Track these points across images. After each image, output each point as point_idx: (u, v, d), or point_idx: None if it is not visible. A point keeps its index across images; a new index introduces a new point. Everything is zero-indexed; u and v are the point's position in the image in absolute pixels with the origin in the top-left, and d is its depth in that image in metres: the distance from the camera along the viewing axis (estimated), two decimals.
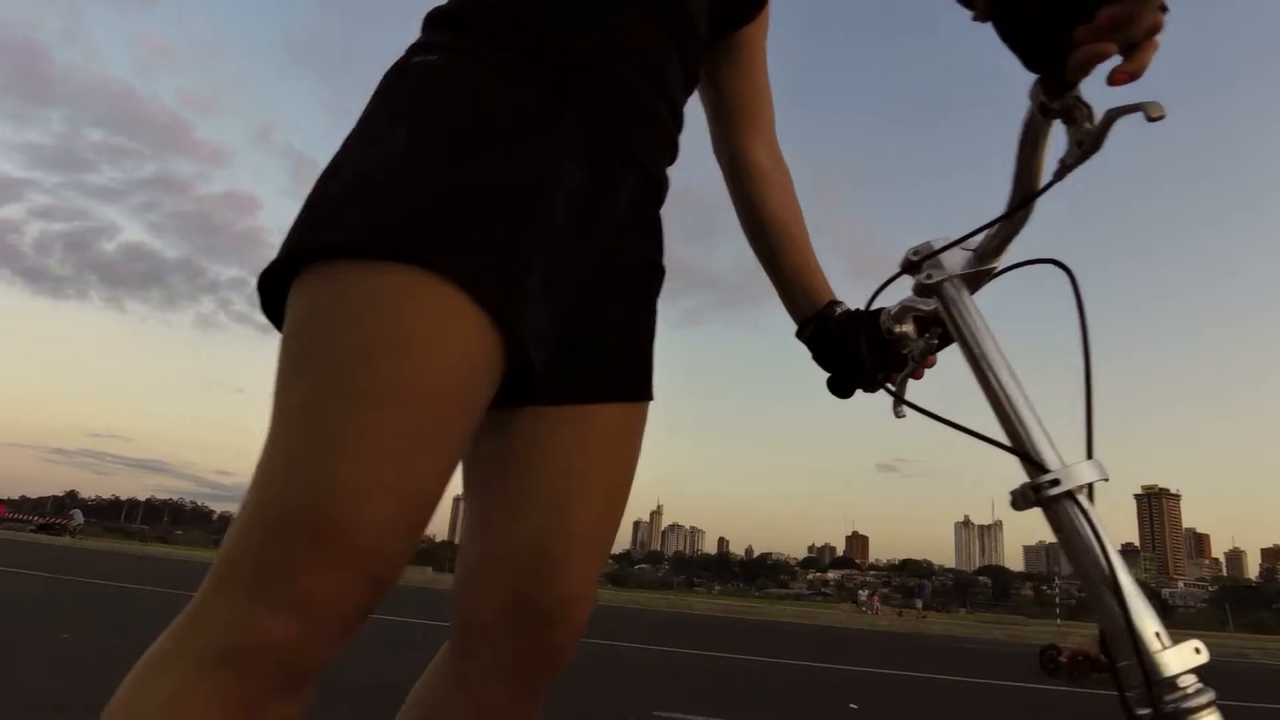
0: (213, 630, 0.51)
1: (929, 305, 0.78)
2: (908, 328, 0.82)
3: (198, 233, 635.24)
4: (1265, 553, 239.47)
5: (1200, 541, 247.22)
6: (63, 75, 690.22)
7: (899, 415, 0.80)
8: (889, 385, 0.82)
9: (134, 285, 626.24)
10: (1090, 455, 0.61)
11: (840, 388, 0.88)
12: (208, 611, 0.52)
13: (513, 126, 0.64)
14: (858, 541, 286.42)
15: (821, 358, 0.89)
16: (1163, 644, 0.53)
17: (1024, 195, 0.66)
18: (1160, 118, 0.54)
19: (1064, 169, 0.61)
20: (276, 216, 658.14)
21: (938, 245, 0.73)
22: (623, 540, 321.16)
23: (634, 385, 0.79)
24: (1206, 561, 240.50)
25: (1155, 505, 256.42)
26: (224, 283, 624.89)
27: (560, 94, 0.67)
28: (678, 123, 0.81)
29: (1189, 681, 0.52)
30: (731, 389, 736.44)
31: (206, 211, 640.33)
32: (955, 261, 0.73)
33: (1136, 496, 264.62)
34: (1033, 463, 0.62)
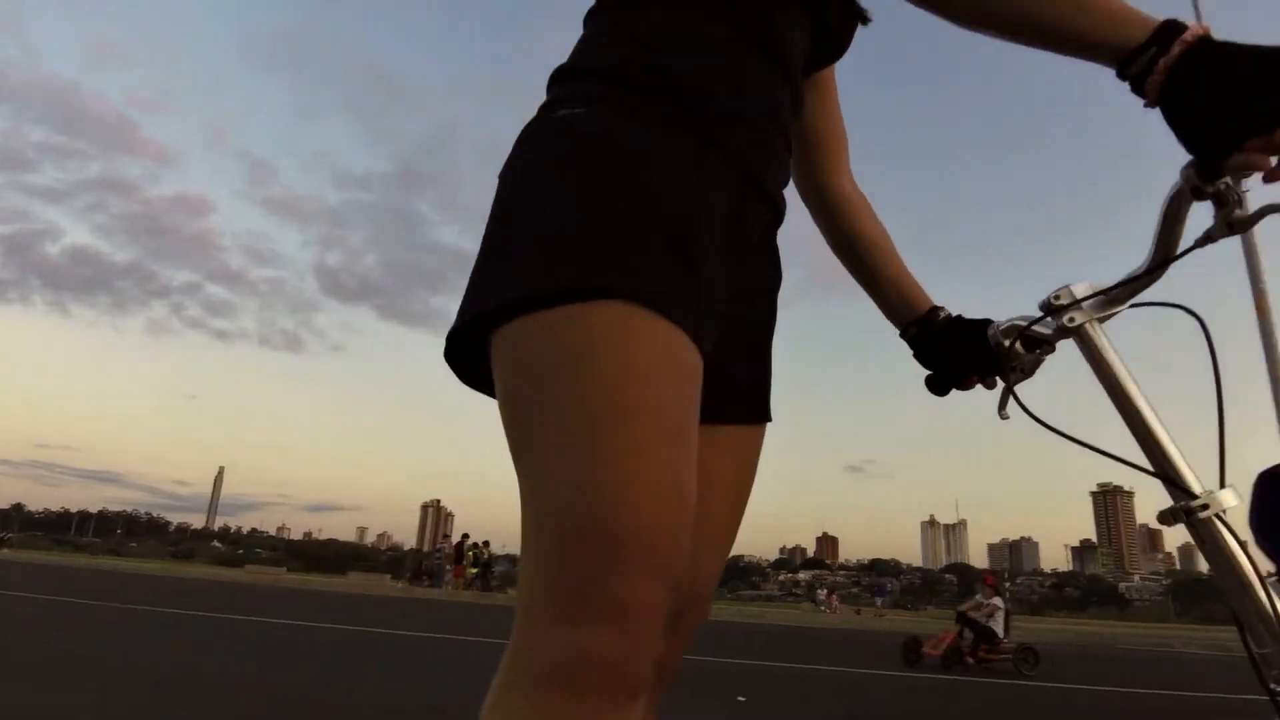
0: (542, 656, 0.56)
1: (1045, 330, 0.86)
2: (1017, 344, 0.89)
3: (147, 235, 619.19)
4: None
5: (1154, 537, 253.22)
6: (1, 71, 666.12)
7: (1003, 416, 0.89)
8: (1013, 391, 0.87)
9: (80, 289, 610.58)
10: (1224, 484, 0.73)
11: (938, 386, 0.98)
12: (533, 639, 0.57)
13: (670, 170, 0.69)
14: (828, 542, 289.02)
15: (923, 357, 0.99)
16: None
17: (1164, 258, 0.76)
18: None
19: (1209, 239, 0.71)
20: (230, 219, 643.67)
21: (1079, 292, 0.82)
22: None
23: (758, 408, 0.85)
24: (1160, 555, 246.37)
25: (1110, 503, 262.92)
26: (176, 287, 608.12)
27: (704, 138, 0.73)
28: (790, 152, 0.87)
29: None
30: None
31: (156, 214, 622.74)
32: (1087, 300, 0.82)
33: (1092, 494, 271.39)
34: (1179, 488, 0.74)
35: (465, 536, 25.23)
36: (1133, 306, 0.80)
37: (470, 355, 0.71)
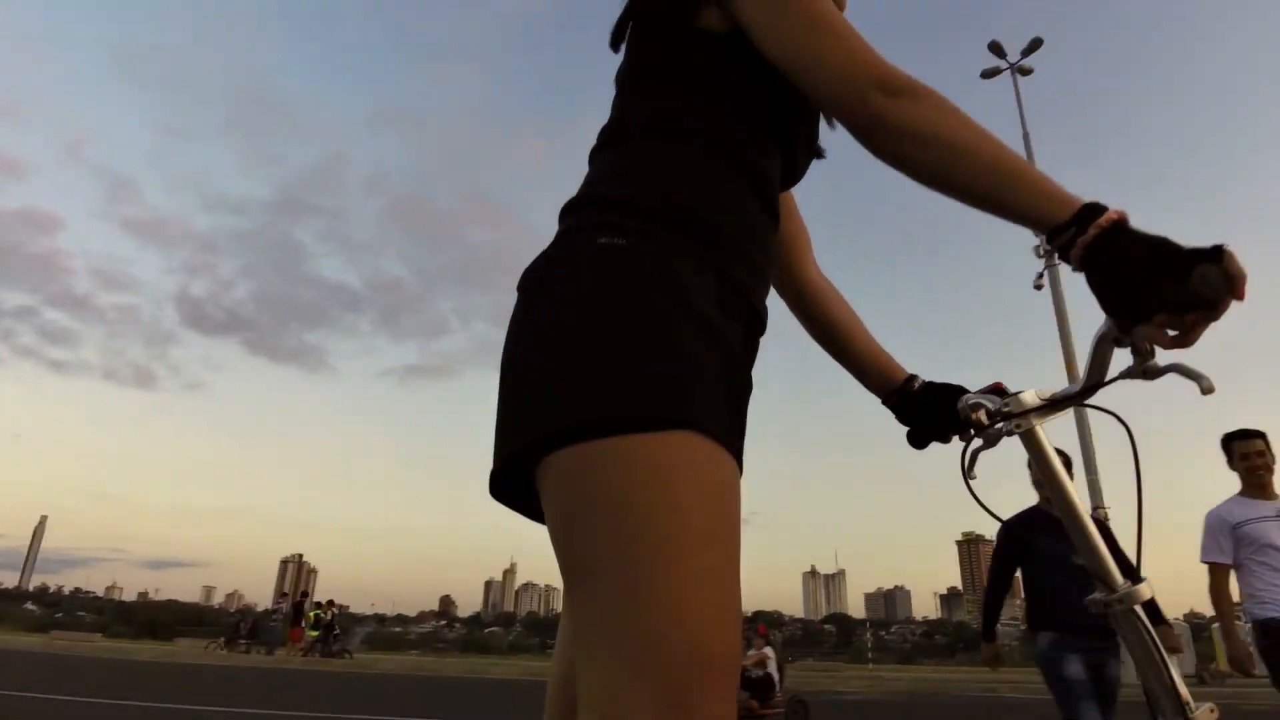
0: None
1: (998, 404, 1.01)
2: (980, 415, 1.02)
3: None
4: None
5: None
6: None
7: (971, 477, 1.04)
8: (964, 459, 1.05)
9: None
10: (1139, 578, 0.92)
11: (918, 440, 1.13)
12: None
13: (709, 306, 0.79)
14: None
15: (904, 418, 1.14)
16: (1193, 710, 0.86)
17: (1095, 383, 0.91)
18: (1209, 393, 0.77)
19: (1126, 376, 0.87)
20: (82, 239, 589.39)
21: (1028, 402, 0.98)
22: (473, 602, 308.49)
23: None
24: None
25: (973, 551, 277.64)
26: (8, 311, 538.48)
27: (721, 274, 0.83)
28: (775, 273, 1.13)
29: None
30: None
31: None
32: (1034, 410, 0.99)
33: (958, 542, 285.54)
34: (1104, 583, 0.92)
35: (304, 595, 23.12)
36: (1078, 406, 0.97)
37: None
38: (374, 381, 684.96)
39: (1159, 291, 0.69)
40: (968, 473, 1.04)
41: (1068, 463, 2.93)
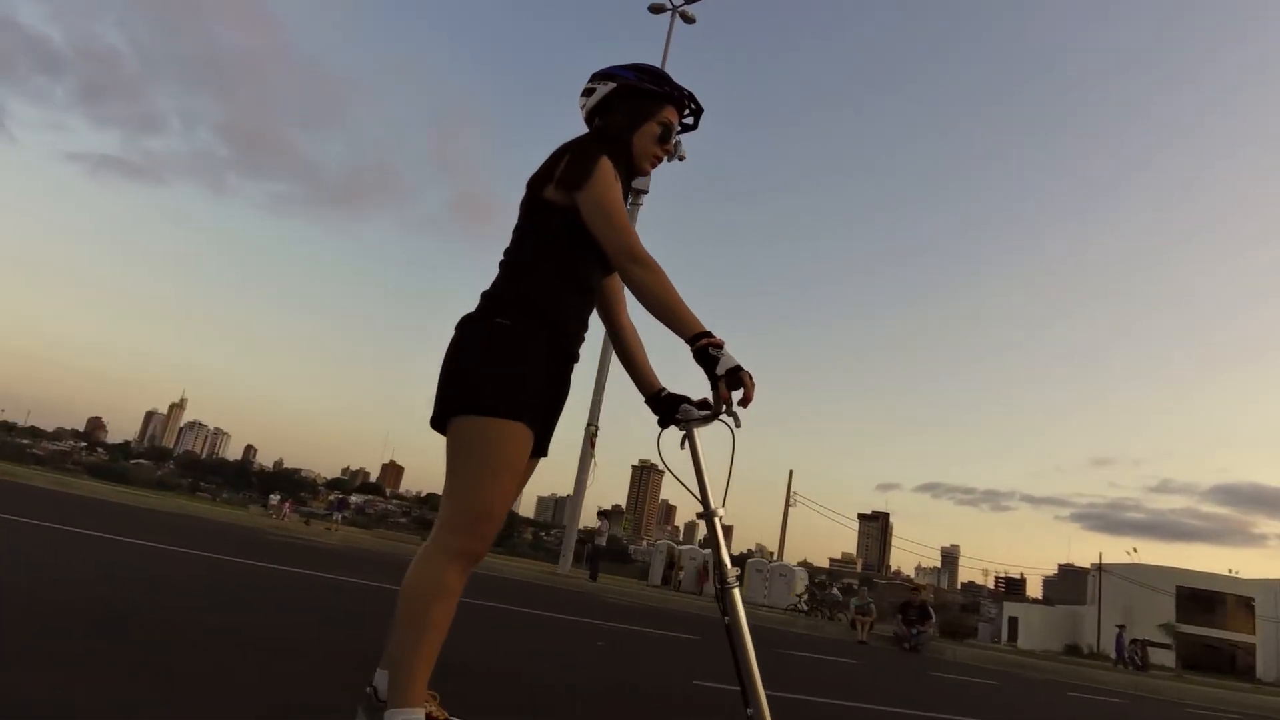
0: (453, 544, 1.62)
1: (686, 413, 1.83)
2: (679, 416, 1.85)
3: None
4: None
5: (670, 512, 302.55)
6: None
7: (682, 447, 1.79)
8: (681, 425, 1.82)
9: None
10: (723, 505, 1.76)
11: (661, 425, 1.87)
12: (450, 535, 1.62)
13: (546, 357, 1.72)
14: (393, 470, 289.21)
15: (654, 411, 1.91)
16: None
17: (716, 412, 1.71)
18: (738, 427, 1.70)
19: (723, 412, 1.67)
20: None
21: (691, 416, 1.81)
22: (128, 431, 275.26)
23: (545, 452, 1.85)
24: (668, 528, 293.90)
25: (644, 478, 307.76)
26: None
27: (553, 340, 1.75)
28: (588, 327, 1.89)
29: None
30: (304, 291, 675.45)
31: None
32: (693, 420, 1.80)
33: (633, 467, 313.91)
34: (708, 516, 1.74)
35: None
36: (714, 420, 1.75)
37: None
38: (58, 163, 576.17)
39: (716, 379, 1.57)
40: (659, 447, 1.82)
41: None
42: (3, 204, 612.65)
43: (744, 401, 1.59)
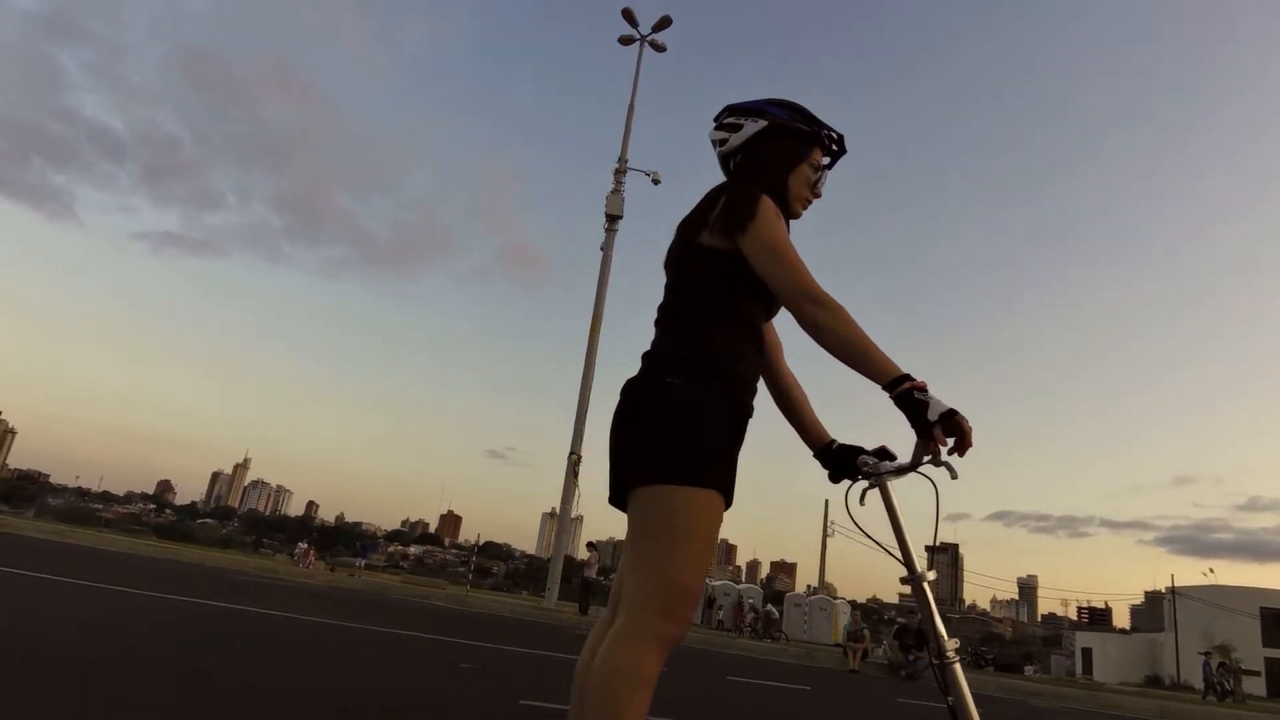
0: (653, 626, 1.41)
1: (871, 464, 1.64)
2: (863, 468, 1.66)
3: None
4: (774, 565, 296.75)
5: (730, 551, 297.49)
6: None
7: (861, 504, 1.63)
8: (846, 497, 1.66)
9: None
10: (931, 568, 1.50)
11: (834, 479, 1.72)
12: (649, 617, 1.41)
13: (726, 415, 1.56)
14: (451, 520, 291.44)
15: (825, 466, 1.75)
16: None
17: (916, 461, 1.47)
18: (954, 478, 1.42)
19: (930, 462, 1.45)
20: None
21: (883, 469, 1.60)
22: (195, 492, 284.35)
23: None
24: (730, 568, 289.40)
25: None
26: None
27: (735, 404, 1.59)
28: (760, 375, 1.74)
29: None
30: (359, 351, 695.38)
31: None
32: (885, 473, 1.60)
33: None
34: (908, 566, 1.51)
35: None
36: (910, 473, 1.53)
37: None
38: (124, 242, 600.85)
39: (929, 426, 1.35)
40: (847, 504, 1.62)
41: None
42: (77, 280, 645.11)
43: (961, 448, 1.38)
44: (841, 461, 1.70)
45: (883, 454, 1.64)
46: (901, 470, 1.55)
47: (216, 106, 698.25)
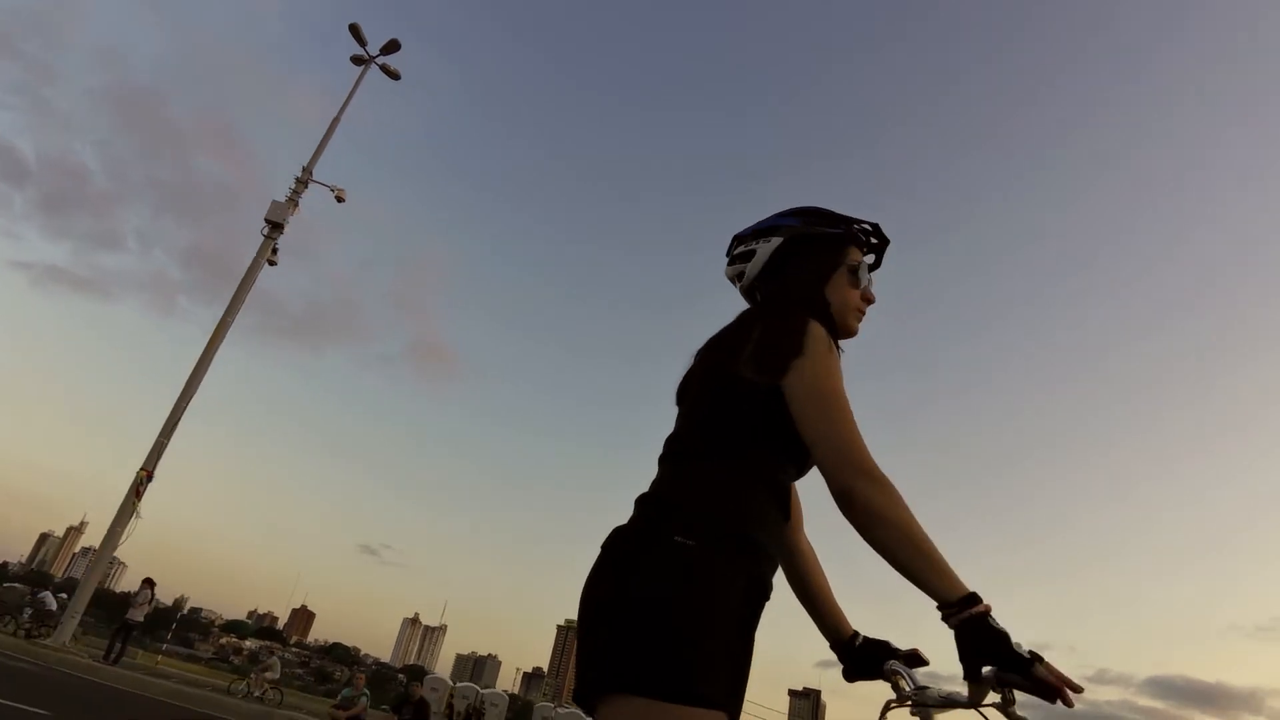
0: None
1: (913, 686, 1.26)
2: (901, 684, 1.29)
3: None
4: None
5: None
6: None
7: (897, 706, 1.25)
8: (883, 711, 1.24)
9: None
10: None
11: (850, 678, 1.39)
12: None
13: (744, 595, 1.18)
14: (303, 616, 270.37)
15: (842, 660, 1.41)
16: None
17: (975, 700, 1.08)
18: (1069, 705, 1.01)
19: (985, 704, 1.08)
20: None
21: (931, 698, 1.20)
22: (15, 552, 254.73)
23: None
24: None
25: (569, 638, 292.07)
26: None
27: (751, 574, 1.20)
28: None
29: None
30: (245, 421, 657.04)
31: None
32: (932, 704, 1.20)
33: (559, 627, 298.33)
34: None
35: None
36: (965, 708, 1.13)
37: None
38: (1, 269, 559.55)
39: (1015, 661, 1.00)
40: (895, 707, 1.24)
41: None
42: None
43: (1053, 696, 1.01)
44: (866, 662, 1.38)
45: (914, 659, 1.34)
46: (954, 704, 1.17)
47: (147, 147, 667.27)
